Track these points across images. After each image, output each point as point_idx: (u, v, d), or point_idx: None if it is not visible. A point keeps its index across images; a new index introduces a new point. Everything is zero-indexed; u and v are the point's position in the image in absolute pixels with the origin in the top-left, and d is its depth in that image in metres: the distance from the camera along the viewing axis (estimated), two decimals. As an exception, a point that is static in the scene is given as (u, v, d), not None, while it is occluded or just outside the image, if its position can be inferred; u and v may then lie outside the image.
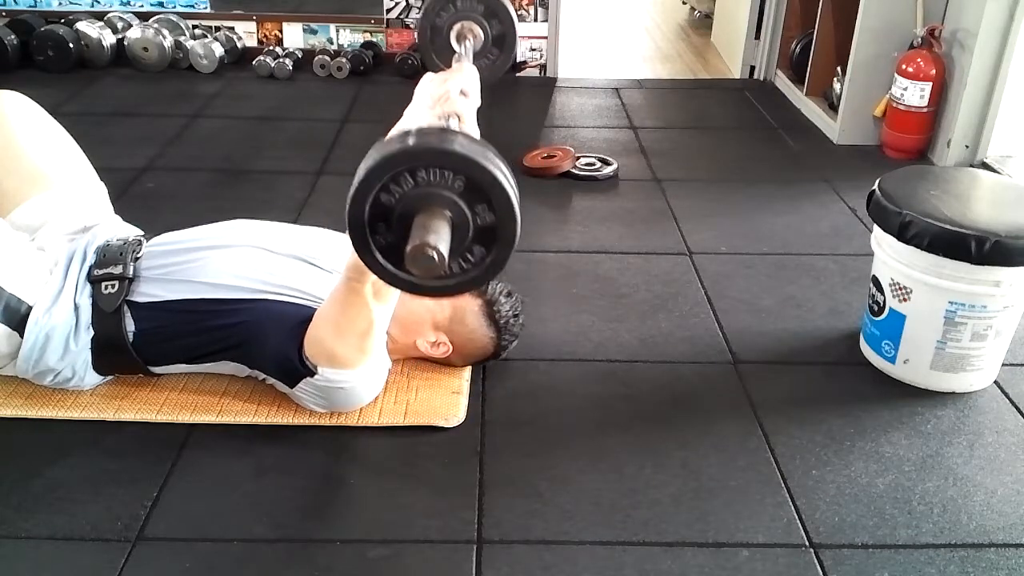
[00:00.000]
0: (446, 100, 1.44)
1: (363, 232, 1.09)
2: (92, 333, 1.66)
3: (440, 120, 1.39)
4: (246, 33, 4.11)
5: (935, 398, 1.83)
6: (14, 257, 1.66)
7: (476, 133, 1.38)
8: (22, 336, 1.61)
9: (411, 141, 1.07)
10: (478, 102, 1.51)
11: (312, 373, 1.60)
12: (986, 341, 1.79)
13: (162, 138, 3.15)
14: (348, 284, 1.50)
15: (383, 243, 1.10)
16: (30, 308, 1.62)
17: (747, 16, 4.05)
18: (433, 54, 1.68)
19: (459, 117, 1.39)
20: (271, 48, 4.07)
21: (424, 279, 1.09)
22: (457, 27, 1.65)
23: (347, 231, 1.09)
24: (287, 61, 3.91)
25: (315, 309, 1.61)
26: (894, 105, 3.05)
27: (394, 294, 1.55)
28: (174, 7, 4.06)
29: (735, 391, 1.85)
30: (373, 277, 1.43)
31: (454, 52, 1.64)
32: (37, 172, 1.82)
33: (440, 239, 1.02)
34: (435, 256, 1.00)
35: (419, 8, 4.04)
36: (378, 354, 1.64)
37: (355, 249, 1.11)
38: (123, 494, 1.51)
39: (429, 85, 1.56)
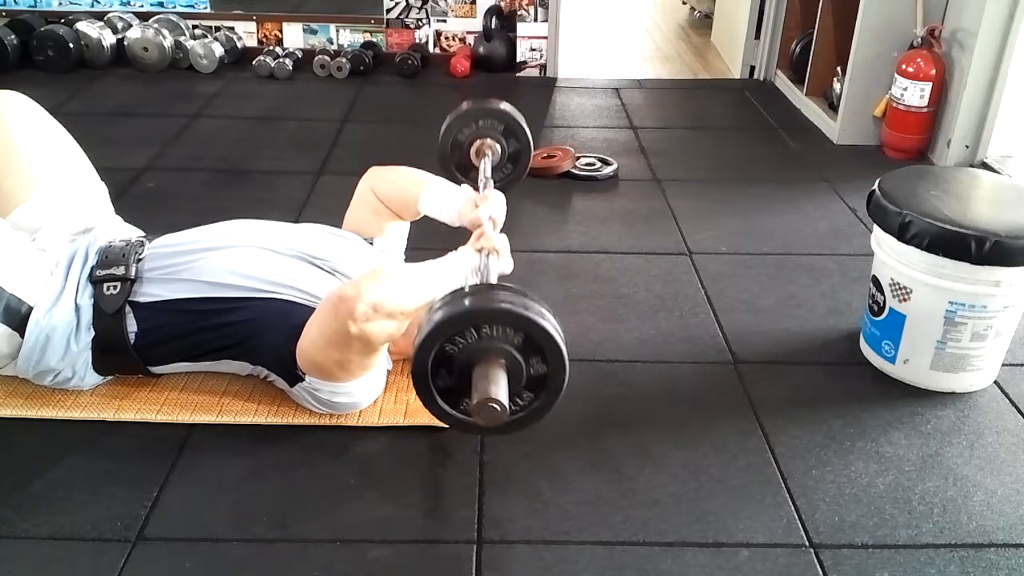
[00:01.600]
0: (481, 235, 1.60)
1: (425, 376, 1.21)
2: (93, 334, 1.66)
3: (481, 255, 1.55)
4: (246, 33, 4.12)
5: (935, 398, 1.83)
6: (15, 257, 1.66)
7: (510, 263, 1.59)
8: (23, 336, 1.61)
9: (475, 302, 1.21)
10: (502, 223, 1.70)
11: (303, 379, 1.61)
12: (986, 341, 1.79)
13: (162, 138, 3.15)
14: (334, 308, 1.49)
15: (442, 386, 1.23)
16: (31, 308, 1.62)
17: (747, 16, 4.05)
18: (452, 165, 1.84)
19: (497, 252, 1.56)
20: (271, 48, 4.07)
21: (479, 423, 1.20)
22: (477, 143, 1.77)
23: (411, 377, 1.22)
24: (287, 61, 3.91)
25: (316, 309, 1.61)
26: (894, 105, 3.05)
27: (380, 339, 1.54)
28: (174, 7, 4.06)
29: (735, 391, 1.85)
30: (358, 310, 1.45)
31: (472, 163, 1.80)
32: (37, 172, 1.82)
33: (501, 391, 1.14)
34: (498, 408, 1.13)
35: (419, 8, 4.05)
36: (369, 370, 1.63)
37: (416, 391, 1.23)
38: (123, 494, 1.51)
39: (461, 205, 1.77)
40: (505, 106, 1.81)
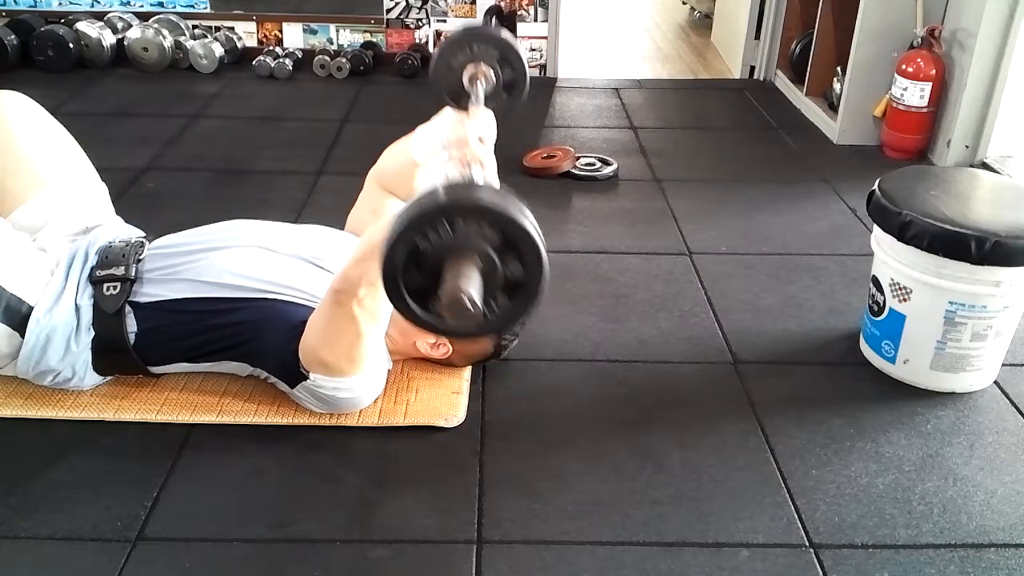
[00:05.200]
0: (466, 146, 1.51)
1: (394, 273, 1.13)
2: (93, 334, 1.66)
3: (462, 166, 1.45)
4: (246, 33, 4.11)
5: (935, 398, 1.83)
6: (15, 257, 1.66)
7: (496, 179, 1.47)
8: (23, 336, 1.62)
9: (450, 194, 1.12)
10: (493, 144, 1.59)
11: (306, 377, 1.61)
12: (986, 341, 1.79)
13: (162, 138, 3.15)
14: (335, 297, 1.50)
15: (412, 285, 1.14)
16: (31, 308, 1.62)
17: (747, 16, 4.05)
18: (445, 92, 1.74)
19: (481, 163, 1.46)
20: (271, 48, 4.07)
21: (448, 322, 1.13)
22: (470, 68, 1.71)
23: (379, 273, 1.14)
24: (287, 61, 3.91)
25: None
26: (894, 105, 3.05)
27: (385, 312, 1.55)
28: (174, 7, 4.06)
29: (735, 391, 1.85)
30: (360, 292, 1.44)
31: (465, 90, 1.71)
32: (38, 172, 1.81)
33: (473, 286, 1.07)
34: (468, 304, 1.05)
35: (419, 8, 4.05)
36: (372, 362, 1.64)
37: (384, 289, 1.15)
38: (123, 494, 1.51)
39: (448, 126, 1.63)
40: (501, 32, 1.78)
